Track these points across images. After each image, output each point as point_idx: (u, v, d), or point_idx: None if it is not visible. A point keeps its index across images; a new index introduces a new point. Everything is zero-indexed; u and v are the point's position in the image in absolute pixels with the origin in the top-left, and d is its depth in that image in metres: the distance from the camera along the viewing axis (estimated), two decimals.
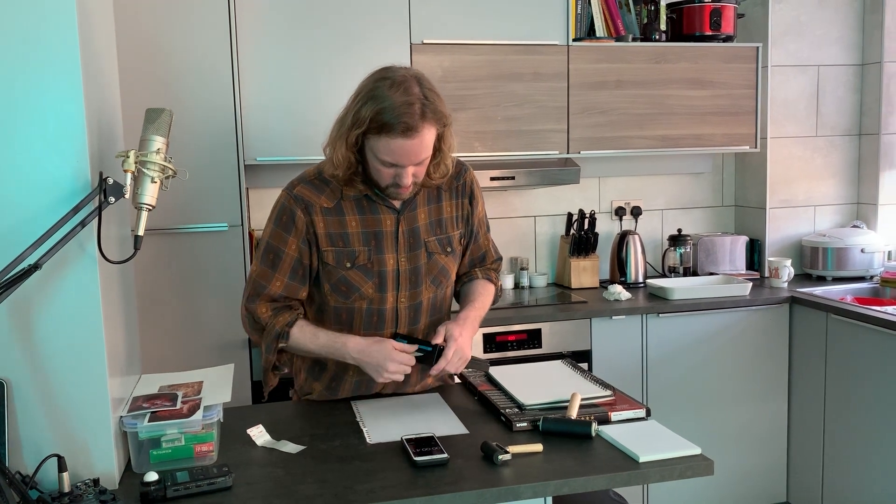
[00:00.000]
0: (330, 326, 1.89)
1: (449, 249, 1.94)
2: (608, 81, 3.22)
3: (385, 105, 1.65)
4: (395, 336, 1.83)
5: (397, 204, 1.86)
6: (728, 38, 3.39)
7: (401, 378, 1.80)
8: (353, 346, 1.80)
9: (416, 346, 1.79)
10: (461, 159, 2.01)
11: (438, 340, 1.80)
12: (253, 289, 1.85)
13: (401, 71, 1.72)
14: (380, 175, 1.76)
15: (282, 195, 1.86)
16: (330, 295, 1.87)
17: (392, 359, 1.76)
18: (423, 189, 1.89)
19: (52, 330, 1.43)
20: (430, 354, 1.79)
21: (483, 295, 2.00)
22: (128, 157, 1.42)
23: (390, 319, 1.89)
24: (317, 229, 1.82)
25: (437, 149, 1.78)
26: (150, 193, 1.44)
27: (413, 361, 1.78)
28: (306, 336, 1.83)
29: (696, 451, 1.56)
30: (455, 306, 2.08)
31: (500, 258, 2.13)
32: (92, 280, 1.44)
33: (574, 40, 3.17)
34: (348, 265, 1.83)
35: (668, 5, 3.41)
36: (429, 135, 1.70)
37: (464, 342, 1.81)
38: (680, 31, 3.39)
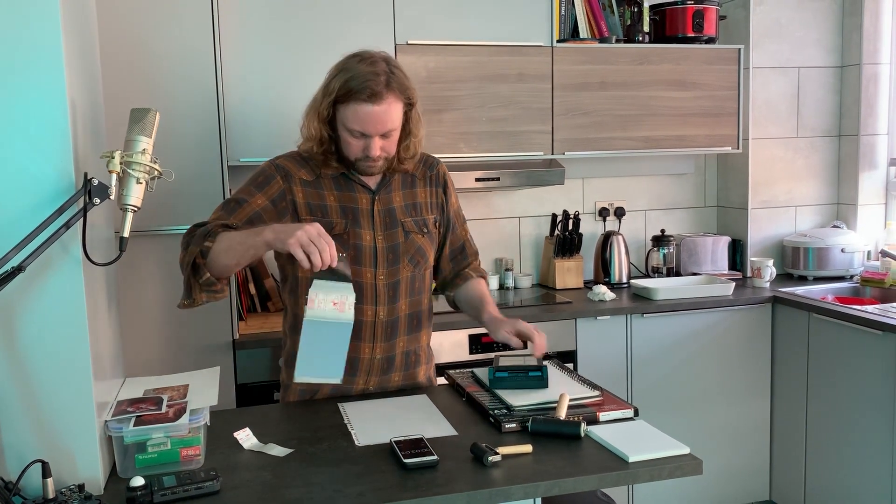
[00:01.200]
0: (304, 305, 1.79)
1: (426, 230, 2.00)
2: (592, 83, 3.23)
3: (352, 74, 1.78)
4: (499, 369, 1.90)
5: (372, 185, 1.94)
6: (710, 40, 3.41)
7: (315, 257, 1.59)
8: (272, 227, 1.69)
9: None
10: (435, 156, 2.10)
11: (515, 343, 1.89)
12: (195, 225, 1.82)
13: (372, 51, 1.85)
14: (349, 147, 1.85)
15: (264, 164, 1.95)
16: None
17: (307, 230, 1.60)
18: (397, 174, 1.97)
19: (36, 333, 1.41)
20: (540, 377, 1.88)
21: (486, 288, 2.13)
22: (113, 157, 1.40)
23: (370, 296, 1.93)
24: (296, 198, 1.90)
25: (406, 130, 1.89)
26: (135, 194, 1.43)
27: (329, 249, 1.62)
28: (234, 234, 1.74)
29: (685, 450, 1.57)
30: (442, 306, 2.09)
31: (478, 252, 2.18)
32: (76, 282, 1.42)
33: (558, 42, 3.18)
34: None
35: (651, 7, 3.43)
36: (394, 105, 1.81)
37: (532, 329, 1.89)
38: (663, 32, 3.41)
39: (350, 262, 1.86)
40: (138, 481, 1.40)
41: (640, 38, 3.36)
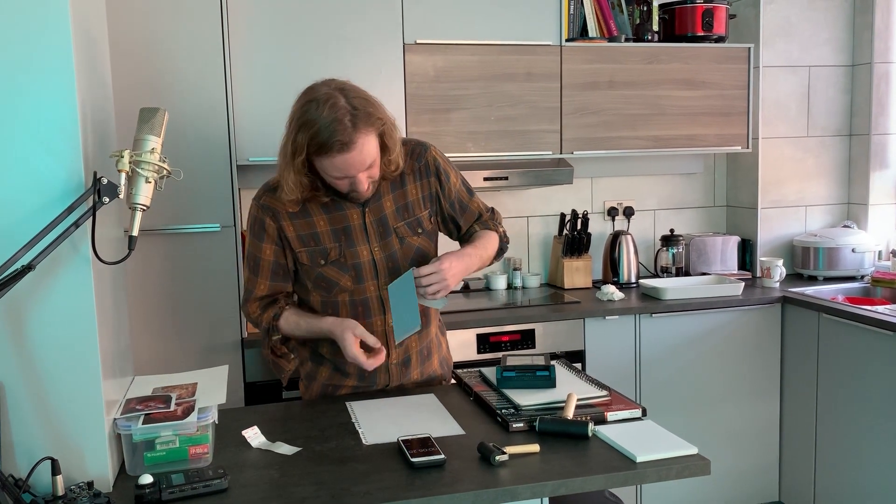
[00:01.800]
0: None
1: (420, 231, 1.98)
2: (601, 82, 3.22)
3: (316, 128, 1.70)
4: (506, 368, 1.90)
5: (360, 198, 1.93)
6: (720, 39, 3.40)
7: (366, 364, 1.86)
8: (327, 327, 1.91)
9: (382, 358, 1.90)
10: (421, 140, 2.03)
11: (432, 265, 1.85)
12: (245, 295, 2.02)
13: (323, 89, 1.75)
14: (337, 185, 1.83)
15: (252, 206, 1.96)
16: (314, 291, 1.96)
17: (347, 356, 1.87)
18: (385, 180, 1.94)
19: (46, 331, 1.42)
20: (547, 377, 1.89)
21: (483, 238, 2.03)
22: (122, 156, 1.41)
23: (376, 308, 1.95)
24: (286, 233, 1.91)
25: (384, 147, 1.82)
26: (144, 193, 1.44)
27: (365, 366, 1.86)
28: (291, 325, 1.96)
29: (693, 450, 1.56)
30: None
31: (492, 209, 2.13)
32: (85, 281, 1.43)
33: (567, 41, 3.18)
34: (322, 262, 1.92)
35: (661, 6, 3.41)
36: (368, 142, 1.75)
37: (449, 268, 1.84)
38: (672, 31, 3.40)
39: (352, 282, 1.93)
40: (147, 479, 1.41)
41: (650, 38, 3.35)
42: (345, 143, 1.71)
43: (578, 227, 3.43)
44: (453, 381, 2.10)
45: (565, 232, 3.47)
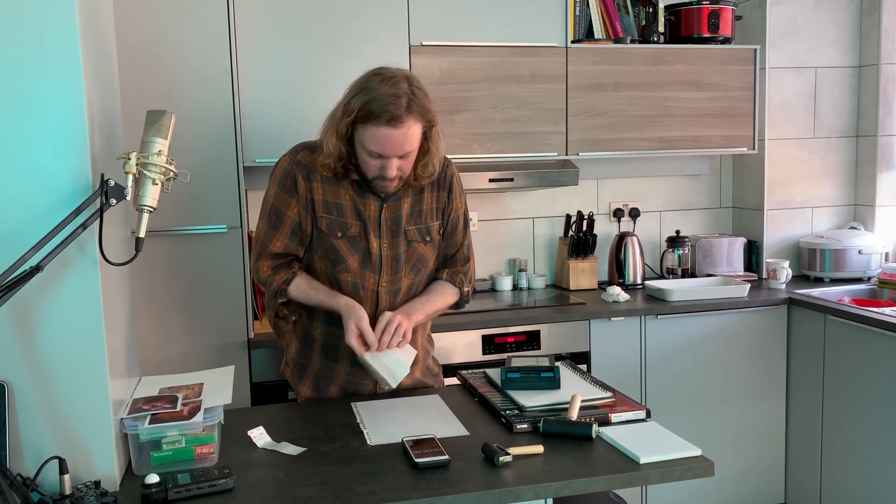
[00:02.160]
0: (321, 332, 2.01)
1: (428, 238, 2.01)
2: (606, 83, 3.23)
3: (373, 96, 1.76)
4: (511, 369, 1.92)
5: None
6: (726, 40, 3.39)
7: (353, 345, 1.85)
8: (344, 302, 1.90)
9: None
10: (447, 156, 2.07)
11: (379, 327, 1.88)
12: (257, 248, 1.98)
13: (393, 69, 1.84)
14: (367, 166, 1.86)
15: (284, 159, 1.95)
16: (319, 260, 1.97)
17: (354, 334, 1.85)
18: (408, 186, 1.96)
19: (54, 332, 1.43)
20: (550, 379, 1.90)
21: (439, 295, 2.06)
22: (129, 158, 1.42)
23: (371, 300, 1.97)
24: (314, 195, 1.92)
25: (425, 149, 1.87)
26: (151, 195, 1.45)
27: (360, 346, 1.86)
28: (301, 292, 1.95)
29: (697, 452, 1.57)
30: None
31: (469, 259, 2.13)
32: (93, 282, 1.44)
33: (572, 42, 3.18)
34: (339, 234, 1.93)
35: (666, 7, 3.41)
36: (413, 128, 1.80)
37: (402, 320, 1.89)
38: (678, 32, 3.40)
39: (358, 265, 1.94)
40: (153, 478, 1.42)
41: (655, 39, 3.35)
42: (394, 118, 1.75)
43: (584, 228, 3.43)
44: (457, 382, 2.11)
45: (571, 233, 3.48)
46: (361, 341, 1.86)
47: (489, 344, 2.94)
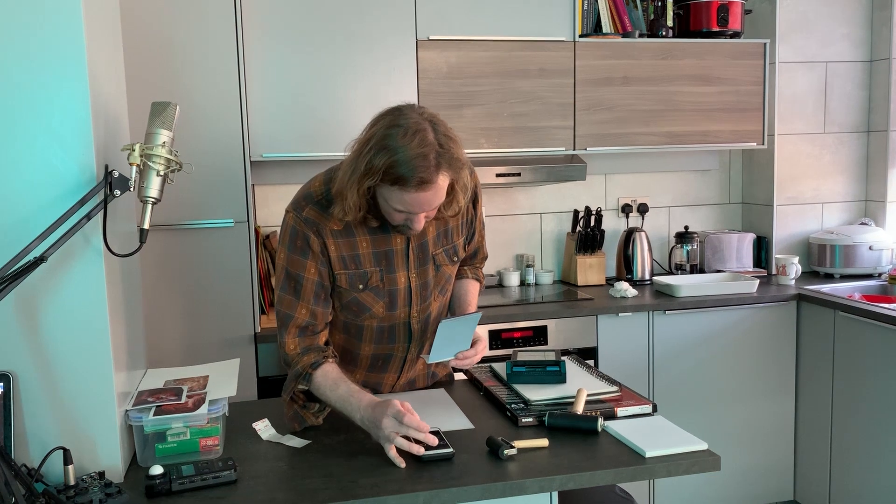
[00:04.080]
0: (339, 338, 1.88)
1: (455, 259, 1.93)
2: (615, 78, 3.21)
3: (399, 157, 1.56)
4: (517, 363, 1.90)
5: None
6: (735, 35, 3.37)
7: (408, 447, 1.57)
8: (365, 406, 1.63)
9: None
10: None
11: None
12: (281, 319, 1.77)
13: (413, 116, 1.62)
14: (391, 217, 1.71)
15: (290, 218, 1.77)
16: (340, 312, 1.85)
17: (395, 435, 1.54)
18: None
19: (58, 323, 1.43)
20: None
21: (475, 294, 2.05)
22: (133, 150, 1.42)
23: (402, 335, 1.88)
24: (329, 252, 1.76)
25: (451, 188, 1.70)
26: (155, 187, 1.45)
27: (422, 428, 1.57)
28: (328, 382, 1.70)
29: (703, 446, 1.56)
30: None
31: (486, 256, 2.13)
32: (97, 273, 1.44)
33: (580, 36, 3.16)
34: (361, 287, 1.79)
35: (675, 1, 3.39)
36: (443, 183, 1.64)
37: (486, 341, 1.87)
38: (687, 27, 3.38)
39: (385, 309, 1.82)
40: (157, 470, 1.42)
41: (664, 33, 3.33)
42: (424, 182, 1.57)
43: (592, 223, 3.42)
44: (464, 376, 2.10)
45: (579, 229, 3.46)
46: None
47: (496, 339, 2.93)
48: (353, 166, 1.63)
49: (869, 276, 3.46)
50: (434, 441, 1.54)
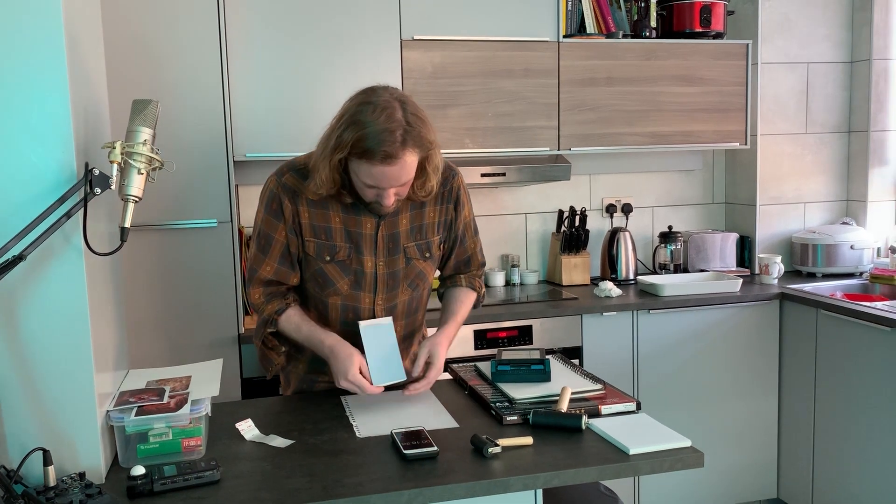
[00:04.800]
0: (310, 315, 1.94)
1: (427, 255, 1.95)
2: (598, 78, 3.22)
3: (366, 131, 1.65)
4: (501, 362, 1.90)
5: None
6: (718, 35, 3.39)
7: (354, 391, 1.79)
8: (329, 345, 1.83)
9: (381, 388, 1.80)
10: (452, 163, 1.99)
11: (422, 361, 1.85)
12: (249, 272, 1.92)
13: (384, 95, 1.70)
14: (363, 192, 1.78)
15: (270, 180, 1.88)
16: (307, 283, 1.93)
17: (348, 377, 1.77)
18: (408, 199, 1.88)
19: (38, 322, 1.41)
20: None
21: (465, 305, 2.05)
22: (114, 148, 1.41)
23: (367, 318, 1.92)
24: (301, 219, 1.85)
25: (423, 168, 1.77)
26: (136, 185, 1.43)
27: (367, 390, 1.77)
28: (291, 326, 1.89)
29: (687, 443, 1.56)
30: (433, 303, 2.09)
31: (484, 263, 2.13)
32: (78, 273, 1.43)
33: (564, 37, 3.17)
34: (327, 258, 1.87)
35: (658, 2, 3.41)
36: (410, 160, 1.70)
37: (441, 364, 1.87)
38: (670, 27, 3.40)
39: (349, 287, 1.89)
40: (139, 470, 1.41)
41: (647, 34, 3.35)
42: (389, 155, 1.65)
43: (576, 223, 3.43)
44: (448, 375, 2.10)
45: (563, 229, 3.47)
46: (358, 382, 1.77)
47: (481, 339, 2.93)
48: (326, 141, 1.74)
49: (850, 275, 3.49)
50: (378, 391, 1.77)
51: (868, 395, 2.86)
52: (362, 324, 1.84)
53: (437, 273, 2.11)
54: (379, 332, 1.85)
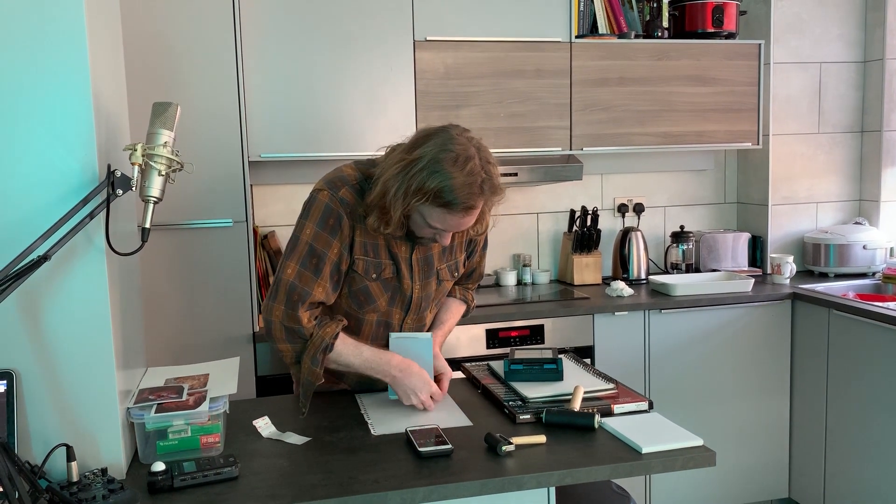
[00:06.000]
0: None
1: (456, 274, 1.99)
2: (611, 78, 3.23)
3: (452, 183, 1.62)
4: (514, 361, 1.95)
5: None
6: (730, 35, 3.39)
7: (429, 407, 1.83)
8: (397, 364, 1.82)
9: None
10: None
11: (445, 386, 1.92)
12: (296, 295, 1.75)
13: (461, 140, 1.67)
14: (422, 231, 1.77)
15: (323, 195, 1.77)
16: (345, 299, 1.87)
17: (427, 389, 1.82)
18: None
19: (61, 321, 1.44)
20: None
21: (455, 318, 2.10)
22: (135, 150, 1.43)
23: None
24: (355, 236, 1.79)
25: (481, 212, 1.78)
26: (157, 186, 1.46)
27: (441, 398, 1.86)
28: (349, 349, 1.80)
29: (699, 442, 1.58)
30: None
31: (482, 275, 2.17)
32: (100, 272, 1.46)
33: (577, 37, 3.18)
34: (374, 276, 1.84)
35: (671, 2, 3.41)
36: (482, 208, 1.73)
37: (449, 370, 1.95)
38: (682, 28, 3.40)
39: (387, 304, 1.89)
40: (159, 466, 1.44)
41: (660, 34, 3.35)
42: (470, 208, 1.67)
43: (588, 223, 3.44)
44: (462, 374, 2.12)
45: (575, 228, 3.48)
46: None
47: (493, 338, 2.95)
48: (400, 182, 1.66)
49: (863, 276, 3.48)
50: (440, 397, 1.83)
51: (880, 395, 2.86)
52: (394, 335, 1.88)
53: None
54: (415, 344, 1.88)
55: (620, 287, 3.20)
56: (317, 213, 1.76)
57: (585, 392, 1.79)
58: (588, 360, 3.03)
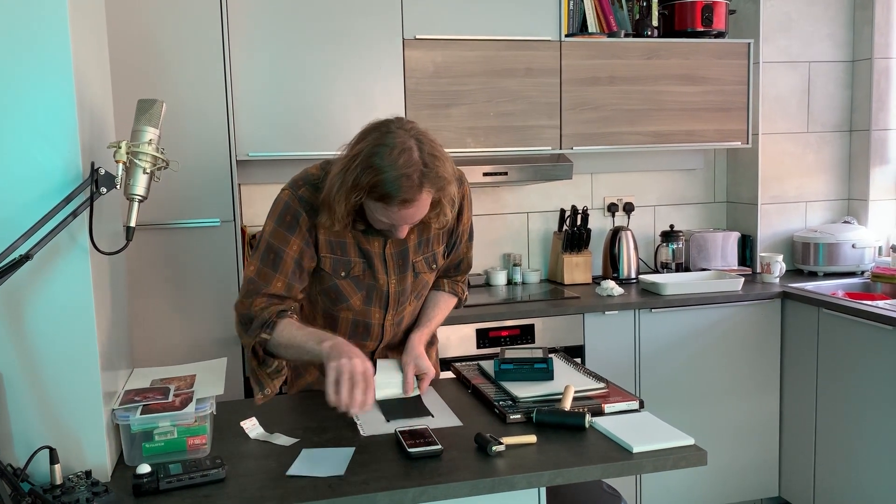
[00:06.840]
0: (316, 326, 1.87)
1: (434, 266, 1.96)
2: (600, 77, 3.22)
3: (384, 177, 1.60)
4: (504, 361, 1.91)
5: None
6: (720, 35, 3.40)
7: (348, 406, 1.59)
8: (331, 342, 1.67)
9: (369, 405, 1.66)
10: (461, 171, 1.96)
11: (411, 375, 1.81)
12: (251, 288, 1.77)
13: (400, 134, 1.64)
14: (376, 224, 1.75)
15: (284, 194, 1.80)
16: (320, 297, 1.89)
17: (352, 381, 1.58)
18: None
19: (44, 321, 1.42)
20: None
21: (443, 312, 2.06)
22: (119, 147, 1.41)
23: (376, 334, 1.94)
24: (318, 234, 1.79)
25: (438, 202, 1.73)
26: (141, 184, 1.44)
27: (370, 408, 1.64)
28: (291, 327, 1.73)
29: (690, 441, 1.57)
30: None
31: (470, 267, 2.13)
32: (84, 271, 1.43)
33: (566, 36, 3.18)
34: (343, 274, 1.84)
35: (660, 1, 3.41)
36: (426, 199, 1.67)
37: (432, 369, 1.87)
38: (672, 27, 3.40)
39: (361, 303, 1.87)
40: (145, 468, 1.41)
41: (649, 33, 3.35)
42: (407, 200, 1.63)
43: (578, 222, 3.44)
44: (452, 374, 2.10)
45: (565, 228, 3.48)
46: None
47: (483, 338, 2.94)
48: (340, 179, 1.66)
49: (852, 274, 3.49)
50: (367, 407, 1.59)
51: (869, 394, 2.87)
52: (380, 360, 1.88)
53: None
54: (390, 366, 1.87)
55: (610, 286, 3.19)
56: (276, 211, 1.80)
57: (576, 391, 1.78)
58: (578, 360, 3.02)
